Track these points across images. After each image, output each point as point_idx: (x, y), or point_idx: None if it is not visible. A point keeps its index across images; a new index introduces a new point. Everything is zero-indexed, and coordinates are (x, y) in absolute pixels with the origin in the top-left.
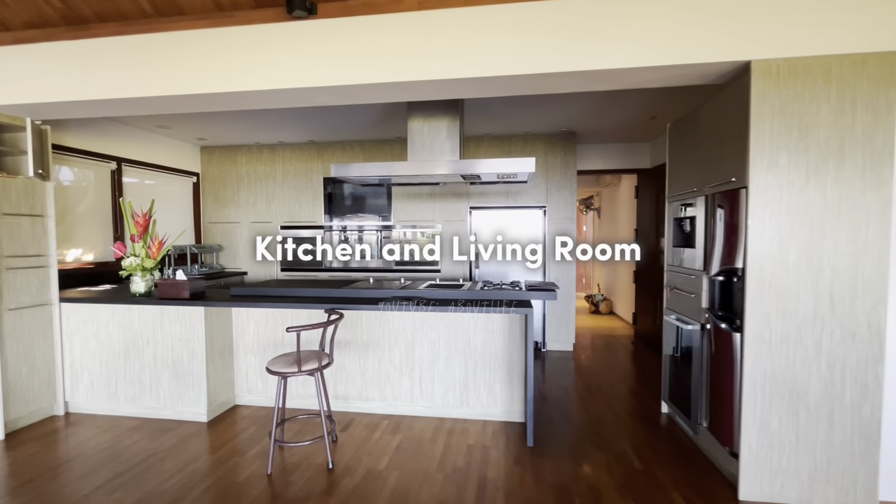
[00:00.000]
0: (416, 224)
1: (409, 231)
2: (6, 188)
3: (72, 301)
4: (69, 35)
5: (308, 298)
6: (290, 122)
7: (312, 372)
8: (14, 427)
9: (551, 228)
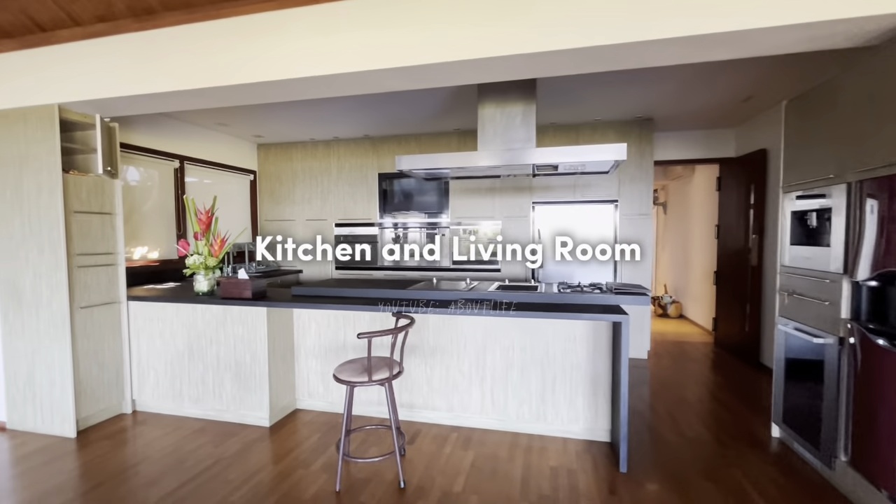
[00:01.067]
0: (475, 220)
1: (467, 228)
2: (77, 186)
3: (138, 299)
4: (136, 27)
5: (373, 300)
6: (346, 116)
7: (383, 382)
8: (85, 425)
9: (624, 224)
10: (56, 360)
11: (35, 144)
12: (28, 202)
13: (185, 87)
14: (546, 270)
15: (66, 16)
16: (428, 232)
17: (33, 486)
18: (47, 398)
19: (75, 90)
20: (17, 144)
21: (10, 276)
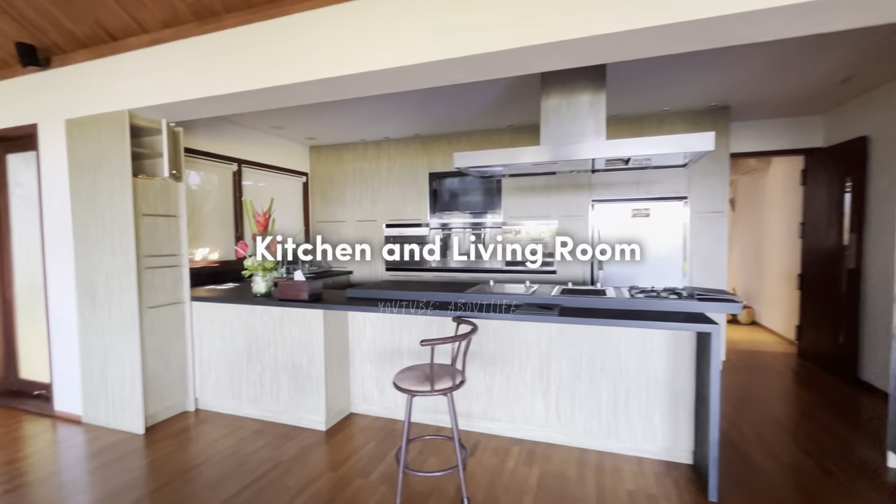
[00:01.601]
0: (529, 220)
1: (521, 228)
2: (145, 190)
3: (201, 300)
4: (199, 30)
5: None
6: (396, 115)
7: (446, 392)
8: (153, 421)
9: (695, 223)
10: (126, 358)
11: (108, 150)
12: (102, 205)
13: (246, 88)
14: (606, 272)
15: (135, 23)
16: (479, 232)
17: (106, 481)
18: (118, 394)
19: (143, 96)
20: (93, 150)
21: (86, 277)
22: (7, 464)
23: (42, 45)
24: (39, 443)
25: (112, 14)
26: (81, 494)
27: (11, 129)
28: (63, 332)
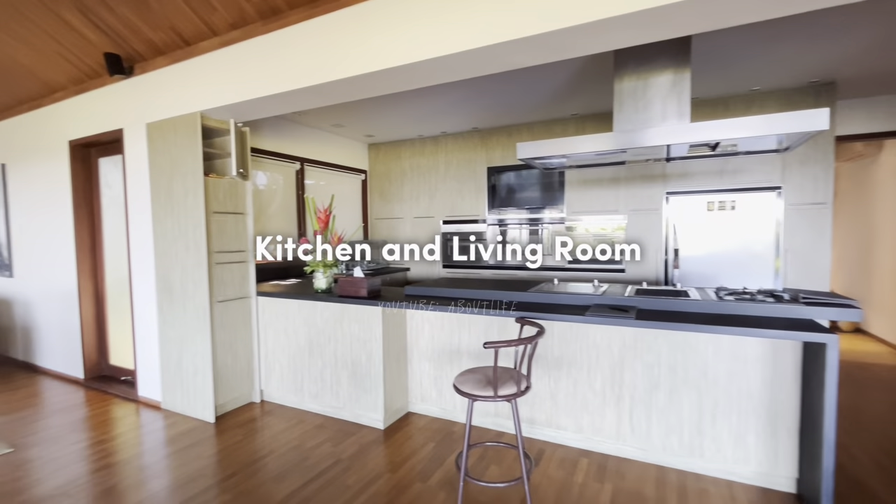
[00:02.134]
0: (595, 215)
1: (586, 223)
2: (215, 188)
3: (266, 295)
4: (264, 29)
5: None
6: (454, 108)
7: (510, 399)
8: (222, 411)
9: (791, 216)
10: (199, 350)
11: (182, 151)
12: (177, 204)
13: (308, 83)
14: (683, 271)
15: (206, 27)
16: (540, 228)
17: (180, 467)
18: (191, 384)
19: (213, 97)
20: (169, 151)
21: (164, 272)
22: (98, 444)
23: (126, 55)
24: (124, 426)
25: (186, 19)
26: (158, 479)
27: (102, 134)
28: (145, 323)
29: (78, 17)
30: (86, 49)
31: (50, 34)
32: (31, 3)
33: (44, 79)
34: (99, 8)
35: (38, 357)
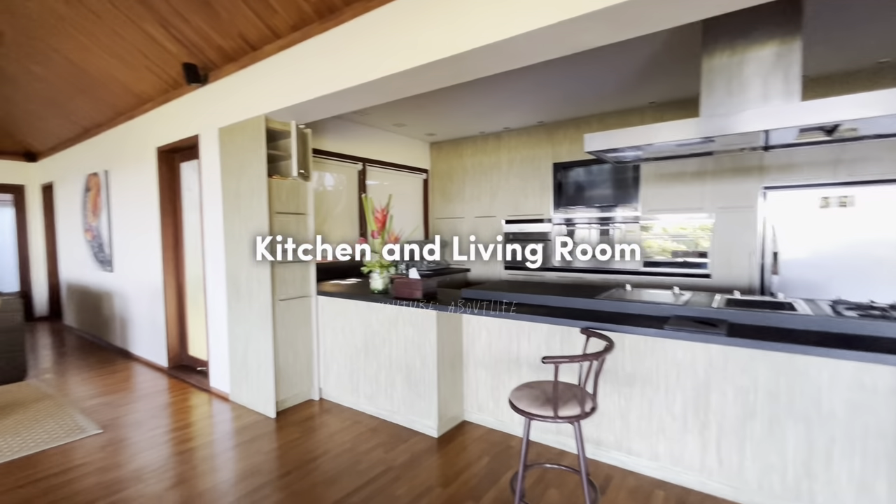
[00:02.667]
0: (675, 213)
1: (664, 222)
2: (278, 189)
3: (325, 294)
4: (321, 28)
5: (554, 310)
6: (518, 102)
7: (572, 421)
8: (282, 406)
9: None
10: (262, 346)
11: (249, 154)
12: (244, 204)
13: (363, 80)
14: (783, 277)
15: (269, 31)
16: (611, 228)
17: (241, 461)
18: (255, 378)
19: (276, 99)
20: (237, 154)
21: (233, 270)
22: (173, 431)
23: (201, 63)
24: (197, 415)
25: (251, 25)
26: (220, 472)
27: (182, 140)
28: (217, 318)
29: (160, 30)
30: (168, 61)
31: (138, 49)
32: (122, 20)
33: (136, 91)
34: (176, 20)
35: (131, 345)
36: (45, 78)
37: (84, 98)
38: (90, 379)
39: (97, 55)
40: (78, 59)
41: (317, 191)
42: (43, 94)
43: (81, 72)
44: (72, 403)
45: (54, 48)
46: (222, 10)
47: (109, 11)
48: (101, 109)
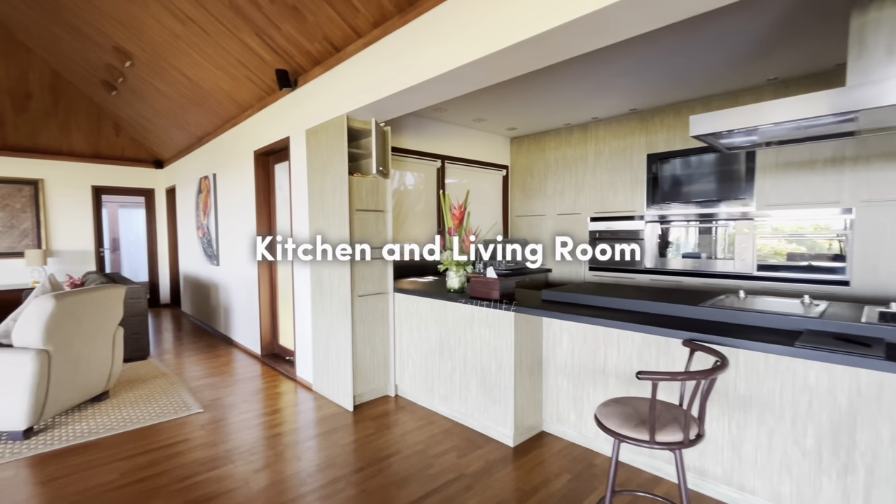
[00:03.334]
0: (801, 208)
1: (786, 219)
2: (358, 187)
3: (402, 292)
4: (400, 22)
5: (649, 317)
6: (609, 88)
7: (672, 448)
8: (360, 401)
9: None
10: (341, 341)
11: (332, 153)
12: (327, 202)
13: (441, 71)
14: None
15: (351, 31)
16: (714, 225)
17: (319, 452)
18: (335, 371)
19: (356, 97)
20: (322, 154)
21: (316, 266)
22: (267, 414)
23: (291, 69)
24: (283, 402)
25: (335, 26)
26: (299, 461)
27: (275, 143)
28: (303, 311)
29: (256, 40)
30: (263, 69)
31: (239, 60)
32: (225, 34)
33: (238, 100)
34: (269, 29)
35: (232, 332)
36: (167, 93)
37: (197, 109)
38: (198, 361)
39: (207, 69)
40: (192, 74)
41: (396, 189)
42: (166, 108)
43: (195, 85)
44: (182, 382)
45: (173, 65)
46: (309, 14)
47: (215, 26)
48: (210, 119)
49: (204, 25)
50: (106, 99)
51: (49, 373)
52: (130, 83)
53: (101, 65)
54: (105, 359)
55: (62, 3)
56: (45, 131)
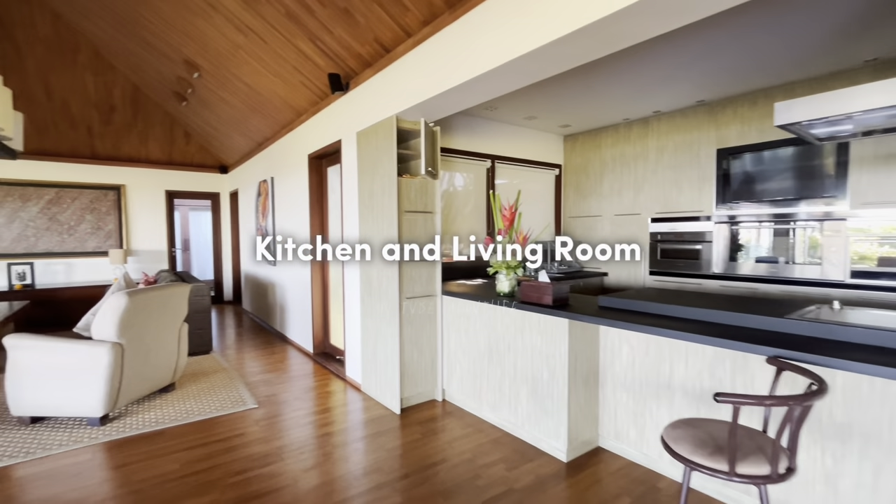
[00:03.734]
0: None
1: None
2: (407, 188)
3: (450, 294)
4: (450, 19)
5: (725, 329)
6: (674, 77)
7: (757, 482)
8: (407, 404)
9: None
10: (389, 342)
11: (381, 154)
12: (377, 204)
13: (491, 66)
14: None
15: (401, 30)
16: (792, 227)
17: (366, 455)
18: (383, 373)
19: (406, 98)
20: (371, 155)
21: (365, 267)
22: (317, 413)
23: (343, 73)
24: (334, 401)
25: (385, 27)
26: (346, 462)
27: (328, 146)
28: (352, 312)
29: (310, 45)
30: (317, 74)
31: (294, 66)
32: (281, 42)
33: (293, 105)
34: (322, 34)
35: (287, 330)
36: (230, 101)
37: (257, 116)
38: (255, 357)
39: (265, 77)
40: (252, 82)
41: (445, 191)
42: (229, 116)
43: (255, 93)
44: (240, 377)
45: (235, 75)
46: (360, 16)
47: (272, 34)
48: (269, 124)
49: (262, 34)
50: (177, 109)
51: (122, 364)
52: (198, 93)
53: (172, 77)
54: (172, 352)
55: (139, 21)
56: (127, 141)
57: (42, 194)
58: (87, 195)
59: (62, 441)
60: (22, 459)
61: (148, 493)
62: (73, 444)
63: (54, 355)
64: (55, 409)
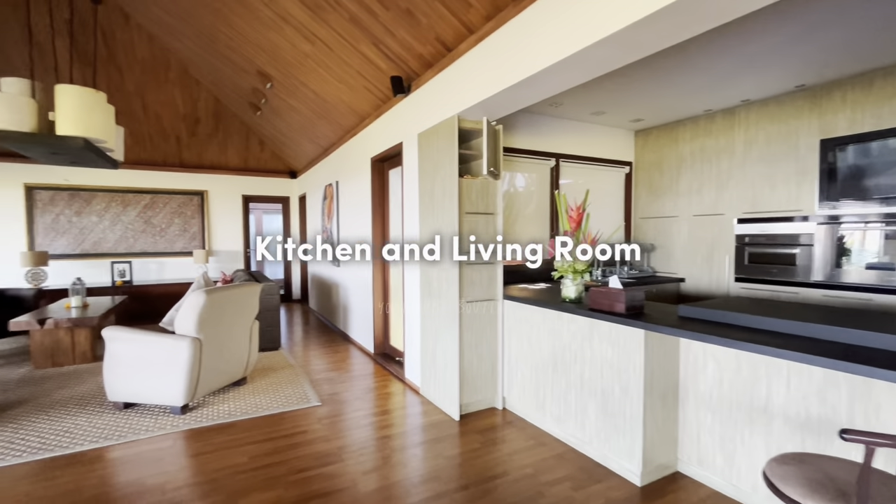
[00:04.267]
0: None
1: None
2: (468, 189)
3: (511, 299)
4: (514, 12)
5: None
6: (767, 61)
7: None
8: (466, 410)
9: None
10: (448, 346)
11: (442, 154)
12: (437, 205)
13: (565, 54)
14: None
15: (463, 28)
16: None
17: (423, 462)
18: (442, 377)
19: (467, 96)
20: (433, 157)
21: (425, 269)
22: (377, 414)
23: (405, 75)
24: (393, 403)
25: (447, 25)
26: (404, 467)
27: (389, 149)
28: (412, 314)
29: (373, 49)
30: (379, 78)
31: (358, 71)
32: (346, 47)
33: (357, 110)
34: (385, 36)
35: (350, 330)
36: (299, 109)
37: (323, 122)
38: (320, 355)
39: (331, 83)
40: (318, 89)
41: (507, 192)
42: (298, 123)
43: (321, 100)
44: (305, 375)
45: (303, 82)
46: (422, 16)
47: (337, 41)
48: (334, 130)
49: (328, 42)
50: (252, 119)
51: (201, 357)
52: (270, 103)
53: (248, 89)
54: (244, 348)
55: (218, 36)
56: (209, 150)
57: (139, 200)
58: (175, 200)
59: (148, 427)
60: (115, 442)
61: (220, 484)
62: (158, 430)
63: (143, 347)
64: (144, 396)
